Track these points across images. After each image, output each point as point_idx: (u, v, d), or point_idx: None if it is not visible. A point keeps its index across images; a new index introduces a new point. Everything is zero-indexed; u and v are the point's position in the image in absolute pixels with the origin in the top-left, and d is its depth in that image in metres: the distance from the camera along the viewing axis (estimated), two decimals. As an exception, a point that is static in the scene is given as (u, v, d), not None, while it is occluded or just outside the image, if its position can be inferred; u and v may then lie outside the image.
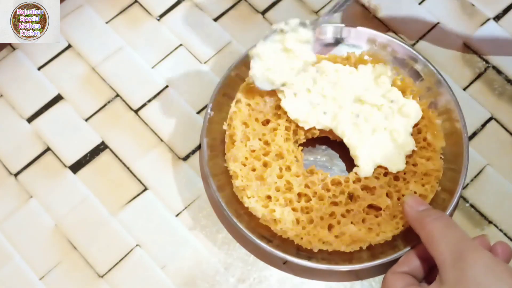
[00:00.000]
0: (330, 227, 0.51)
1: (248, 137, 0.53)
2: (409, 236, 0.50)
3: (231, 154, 0.53)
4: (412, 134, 0.53)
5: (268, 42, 0.53)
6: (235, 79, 0.56)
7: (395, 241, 0.51)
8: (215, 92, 0.55)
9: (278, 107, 0.55)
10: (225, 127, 0.54)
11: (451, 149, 0.53)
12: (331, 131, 0.54)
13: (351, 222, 0.51)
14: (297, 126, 0.54)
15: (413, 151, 0.53)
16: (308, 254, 0.50)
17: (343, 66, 0.55)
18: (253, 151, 0.53)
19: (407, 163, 0.53)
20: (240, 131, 0.53)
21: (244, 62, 0.56)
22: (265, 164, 0.53)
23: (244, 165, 0.53)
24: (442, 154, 0.53)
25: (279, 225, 0.50)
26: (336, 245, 0.50)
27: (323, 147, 0.56)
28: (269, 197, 0.52)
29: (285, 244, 0.51)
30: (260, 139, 0.54)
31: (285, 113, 0.54)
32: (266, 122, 0.55)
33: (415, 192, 0.51)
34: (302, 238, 0.50)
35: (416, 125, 0.54)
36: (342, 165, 0.56)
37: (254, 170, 0.53)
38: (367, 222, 0.51)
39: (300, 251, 0.51)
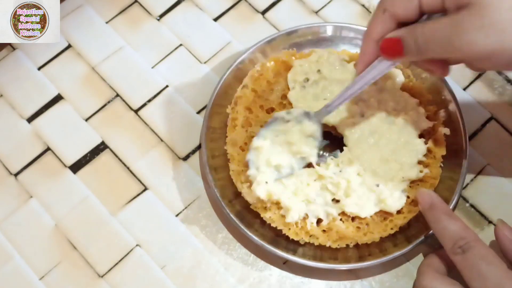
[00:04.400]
0: (318, 221, 0.51)
1: (250, 123, 0.54)
2: (408, 235, 0.50)
3: (231, 137, 0.53)
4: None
5: (269, 131, 0.51)
6: (235, 79, 0.56)
7: (397, 239, 0.51)
8: (215, 92, 0.55)
9: (285, 96, 0.55)
10: (228, 110, 0.54)
11: (451, 149, 0.53)
12: (333, 126, 0.54)
13: (340, 219, 0.51)
14: None
15: None
16: (310, 254, 0.50)
17: (352, 65, 0.55)
18: (253, 137, 0.53)
19: None
20: (242, 116, 0.53)
21: (244, 61, 0.56)
22: None
23: (243, 150, 0.53)
24: (442, 162, 0.52)
25: (269, 213, 0.51)
26: (322, 239, 0.50)
27: (325, 141, 0.56)
28: None
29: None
30: (261, 126, 0.53)
31: (291, 103, 0.54)
32: (271, 110, 0.55)
33: (408, 197, 0.51)
34: (289, 228, 0.50)
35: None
36: (341, 161, 0.55)
37: None
38: (356, 220, 0.51)
39: (286, 241, 0.51)
